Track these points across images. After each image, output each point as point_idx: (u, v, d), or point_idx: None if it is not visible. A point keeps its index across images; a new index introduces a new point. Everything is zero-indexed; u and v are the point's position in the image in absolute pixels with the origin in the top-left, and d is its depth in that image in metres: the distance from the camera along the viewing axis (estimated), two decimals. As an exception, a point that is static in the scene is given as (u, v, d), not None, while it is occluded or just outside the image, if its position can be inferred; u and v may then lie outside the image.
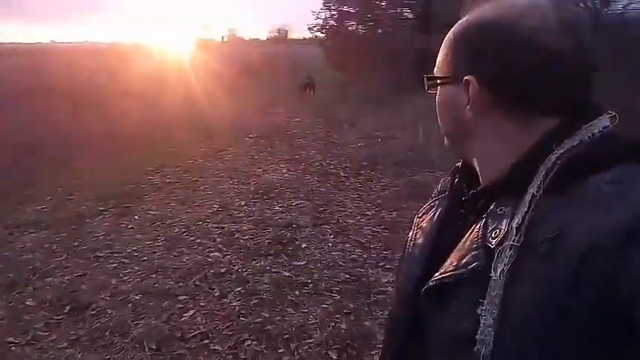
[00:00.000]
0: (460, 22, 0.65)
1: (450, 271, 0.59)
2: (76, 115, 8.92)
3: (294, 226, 4.26)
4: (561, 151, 0.55)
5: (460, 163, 0.74)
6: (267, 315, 2.96)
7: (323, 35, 17.44)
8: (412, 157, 6.08)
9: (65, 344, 2.69)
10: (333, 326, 2.82)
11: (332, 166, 6.25)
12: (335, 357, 2.59)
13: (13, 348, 2.68)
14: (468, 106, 0.62)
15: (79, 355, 2.60)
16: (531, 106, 0.59)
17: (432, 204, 0.78)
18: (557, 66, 0.57)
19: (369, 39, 13.90)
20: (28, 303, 3.11)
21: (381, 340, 2.71)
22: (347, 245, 3.87)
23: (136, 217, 4.60)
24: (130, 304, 3.09)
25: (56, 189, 5.36)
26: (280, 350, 2.65)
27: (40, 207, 4.86)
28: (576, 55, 0.58)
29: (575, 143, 0.55)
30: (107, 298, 3.17)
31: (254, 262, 3.65)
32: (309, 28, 16.92)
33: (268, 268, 3.54)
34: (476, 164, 0.67)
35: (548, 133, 0.57)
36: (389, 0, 13.96)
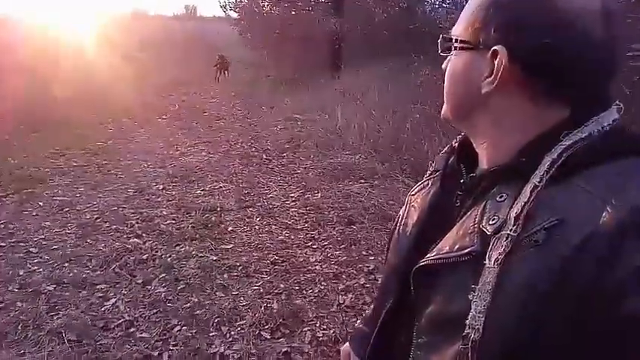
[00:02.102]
0: None
1: (443, 253, 0.59)
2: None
3: (218, 209, 4.17)
4: (568, 143, 0.54)
5: (456, 142, 0.73)
6: (195, 299, 2.90)
7: (236, 14, 17.01)
8: (332, 139, 6.19)
9: (-31, 343, 2.44)
10: (264, 307, 2.83)
11: (254, 149, 6.18)
12: (268, 336, 2.61)
13: None
14: (489, 79, 0.58)
15: (-12, 352, 2.37)
16: (554, 91, 0.57)
17: (425, 182, 0.77)
18: (594, 54, 0.55)
19: (283, 20, 13.78)
20: None
21: (312, 316, 2.79)
22: (274, 227, 3.88)
23: (40, 203, 4.22)
24: (42, 296, 2.86)
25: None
26: (212, 334, 2.61)
27: None
28: (609, 46, 0.56)
29: (584, 136, 0.54)
30: (15, 290, 2.90)
31: (178, 247, 3.53)
32: (221, 6, 16.39)
33: (194, 252, 3.44)
34: (478, 142, 0.65)
35: (558, 123, 0.56)
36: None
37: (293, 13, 14.29)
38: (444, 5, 10.72)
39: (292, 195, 4.58)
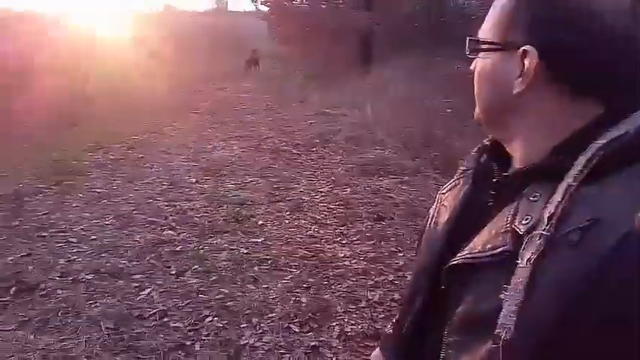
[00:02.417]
0: None
1: (476, 252, 0.59)
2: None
3: (249, 203, 4.24)
4: (604, 141, 0.53)
5: (488, 141, 0.72)
6: (227, 291, 2.96)
7: (267, 8, 17.11)
8: (362, 134, 6.18)
9: (14, 326, 2.57)
10: (293, 300, 2.87)
11: (284, 143, 6.23)
12: (297, 329, 2.65)
13: (-45, 333, 2.52)
14: (520, 79, 0.58)
15: (31, 336, 2.48)
16: (587, 89, 0.56)
17: (456, 181, 0.77)
18: (624, 51, 0.55)
19: (314, 14, 13.80)
20: (-32, 286, 2.92)
21: (341, 311, 2.81)
22: (303, 222, 3.92)
23: (80, 194, 4.39)
24: (81, 284, 2.98)
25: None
26: (242, 325, 2.67)
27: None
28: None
29: (620, 134, 0.53)
30: (56, 278, 3.03)
31: (210, 239, 3.61)
32: (252, 1, 16.47)
33: (225, 245, 3.52)
34: (511, 143, 0.64)
35: (594, 120, 0.55)
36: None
37: (323, 6, 14.30)
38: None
39: (321, 190, 4.61)
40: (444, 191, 0.79)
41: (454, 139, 5.15)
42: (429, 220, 0.78)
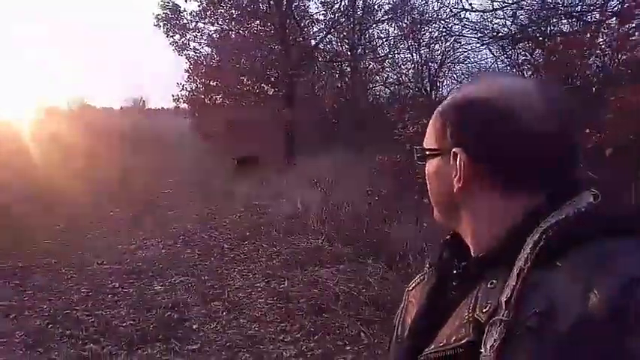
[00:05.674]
0: (450, 97, 0.69)
1: (441, 346, 0.60)
2: None
3: (180, 305, 3.95)
4: (547, 225, 0.56)
5: (449, 235, 0.75)
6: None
7: (188, 107, 17.38)
8: (293, 225, 6.18)
9: None
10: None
11: (214, 238, 6.04)
12: None
13: None
14: (456, 178, 0.64)
15: None
16: (516, 182, 0.61)
17: (421, 277, 0.79)
18: (539, 147, 0.60)
19: (236, 111, 14.20)
20: None
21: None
22: (242, 321, 3.70)
23: (-18, 310, 3.86)
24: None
25: None
26: None
27: None
28: (560, 137, 0.61)
29: (561, 217, 0.57)
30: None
31: (140, 350, 3.27)
32: (174, 100, 16.68)
33: (158, 355, 3.21)
34: (465, 235, 0.68)
35: (534, 207, 0.59)
36: (252, 77, 14.57)
37: (244, 104, 14.81)
38: (384, 96, 11.55)
39: (258, 285, 4.44)
40: (410, 288, 0.81)
41: (385, 225, 5.31)
42: (398, 317, 0.79)
